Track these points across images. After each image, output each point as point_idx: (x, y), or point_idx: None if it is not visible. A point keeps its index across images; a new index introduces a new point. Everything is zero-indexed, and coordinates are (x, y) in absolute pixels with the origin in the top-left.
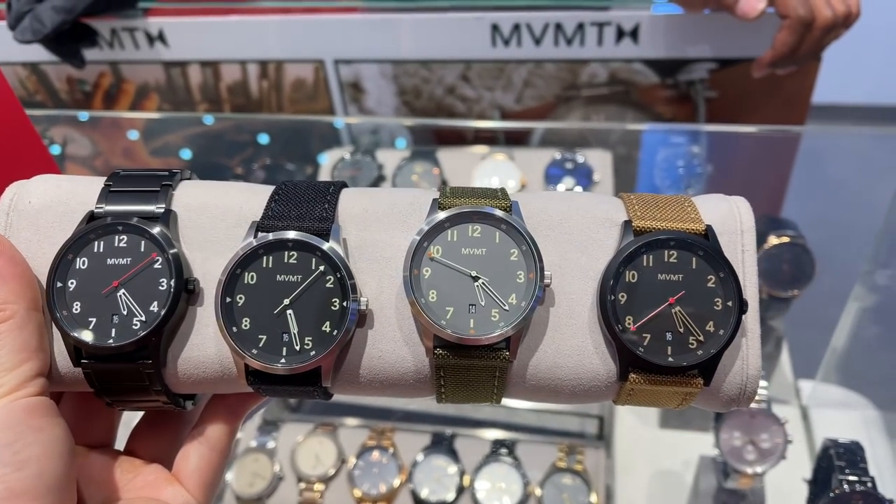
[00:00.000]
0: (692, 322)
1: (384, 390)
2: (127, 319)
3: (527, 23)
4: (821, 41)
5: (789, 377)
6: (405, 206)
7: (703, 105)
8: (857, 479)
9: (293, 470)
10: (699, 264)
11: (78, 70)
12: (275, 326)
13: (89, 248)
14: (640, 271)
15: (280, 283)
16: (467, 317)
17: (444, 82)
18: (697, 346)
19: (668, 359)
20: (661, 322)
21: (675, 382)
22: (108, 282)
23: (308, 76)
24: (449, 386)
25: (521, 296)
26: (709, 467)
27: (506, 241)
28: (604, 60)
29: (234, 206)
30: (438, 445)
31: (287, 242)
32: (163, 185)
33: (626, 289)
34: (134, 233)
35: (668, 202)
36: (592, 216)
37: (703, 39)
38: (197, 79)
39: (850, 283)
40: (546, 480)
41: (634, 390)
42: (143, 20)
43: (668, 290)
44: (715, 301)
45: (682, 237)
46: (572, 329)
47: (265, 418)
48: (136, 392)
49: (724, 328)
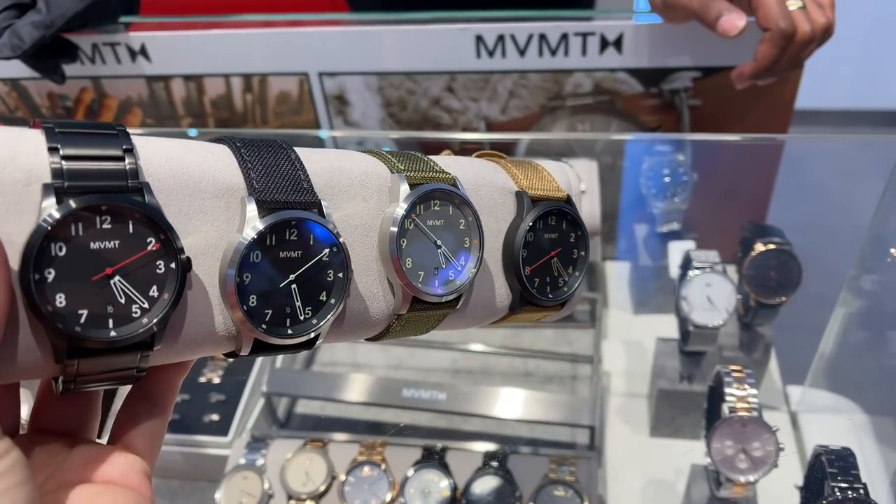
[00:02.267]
0: (564, 269)
1: (356, 330)
2: (125, 308)
3: (511, 34)
4: (800, 54)
5: (778, 383)
6: (359, 175)
7: (687, 113)
8: (849, 485)
9: (283, 487)
10: (566, 225)
11: (59, 85)
12: (280, 301)
13: (67, 232)
14: (535, 234)
15: (284, 259)
16: (433, 278)
17: (430, 94)
18: (563, 284)
19: (549, 296)
20: (545, 270)
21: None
22: (95, 269)
23: (292, 89)
24: (400, 329)
25: (469, 258)
26: (701, 476)
27: (456, 213)
28: (588, 70)
29: (206, 174)
30: (429, 459)
31: (291, 221)
32: (125, 150)
33: (526, 246)
34: (120, 212)
35: (532, 169)
36: (494, 186)
37: (687, 48)
38: (180, 93)
39: (837, 288)
40: (538, 492)
41: (520, 316)
42: (125, 35)
43: (551, 246)
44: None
45: (561, 207)
46: (489, 279)
47: (254, 435)
48: (112, 380)
49: (579, 271)
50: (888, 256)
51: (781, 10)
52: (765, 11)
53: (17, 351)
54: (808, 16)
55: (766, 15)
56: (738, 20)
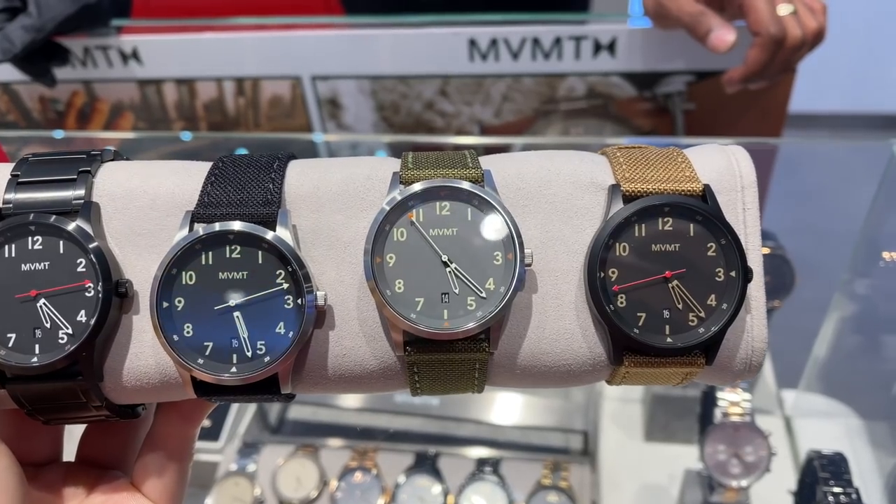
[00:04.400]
0: (691, 297)
1: (352, 388)
2: (51, 333)
3: (504, 38)
4: (790, 59)
5: (772, 387)
6: (362, 180)
7: (681, 117)
8: (842, 490)
9: (274, 493)
10: (697, 231)
11: (50, 89)
12: (221, 331)
13: (0, 253)
14: (631, 243)
15: (223, 281)
16: (440, 307)
17: (423, 98)
18: (698, 322)
19: (667, 339)
20: (656, 298)
21: (675, 363)
22: (23, 291)
23: (285, 93)
24: (424, 381)
25: (500, 280)
26: (694, 481)
27: (478, 219)
28: (581, 74)
29: (164, 191)
30: (422, 465)
31: (228, 235)
32: (80, 172)
33: (616, 264)
34: (50, 233)
35: (659, 157)
36: (575, 180)
37: (680, 52)
38: (172, 97)
39: (830, 292)
40: (531, 498)
41: (630, 373)
42: (117, 38)
43: (664, 263)
44: (716, 272)
45: (677, 201)
46: (558, 311)
47: (245, 441)
48: (73, 409)
49: (727, 301)
50: (881, 261)
51: (772, 15)
52: (755, 16)
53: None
54: (799, 21)
55: (757, 20)
56: (727, 35)
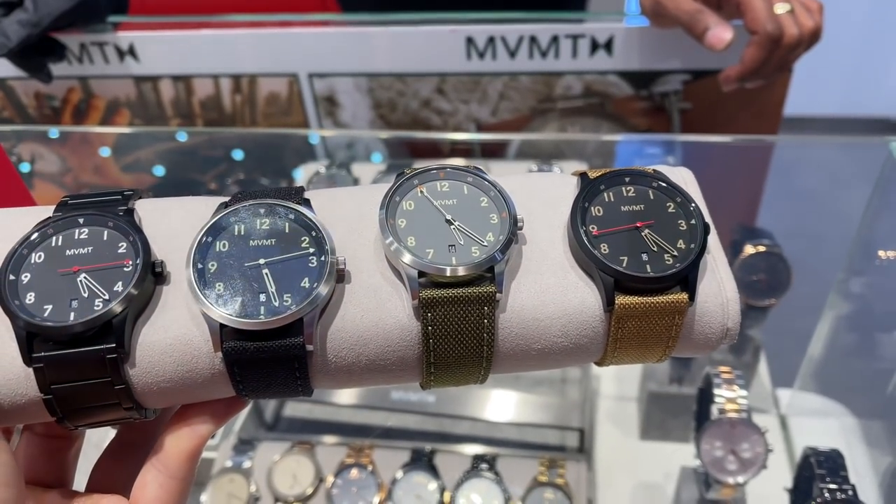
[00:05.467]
0: (664, 241)
1: (370, 348)
2: (88, 301)
3: (501, 36)
4: (787, 58)
5: (767, 386)
6: (369, 207)
7: (677, 116)
8: (838, 486)
9: (270, 490)
10: (656, 194)
11: (45, 85)
12: (251, 287)
13: (47, 243)
14: (603, 206)
15: (254, 247)
16: (448, 255)
17: (420, 95)
18: (673, 261)
19: (649, 271)
20: (634, 244)
21: (663, 303)
22: (66, 267)
23: (282, 90)
24: (438, 334)
25: (498, 232)
26: (690, 478)
27: (474, 192)
28: (578, 73)
29: (195, 209)
30: (418, 462)
31: (259, 208)
32: (118, 202)
33: (594, 221)
34: (95, 224)
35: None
36: (550, 181)
37: (677, 51)
38: (169, 93)
39: (826, 291)
40: (528, 495)
41: (623, 319)
42: (113, 34)
43: (634, 217)
44: (679, 223)
45: (635, 171)
46: (550, 269)
47: (241, 437)
48: (94, 396)
49: (693, 243)
50: (876, 259)
51: (769, 13)
52: (752, 15)
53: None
54: (795, 20)
55: (754, 18)
56: (724, 33)
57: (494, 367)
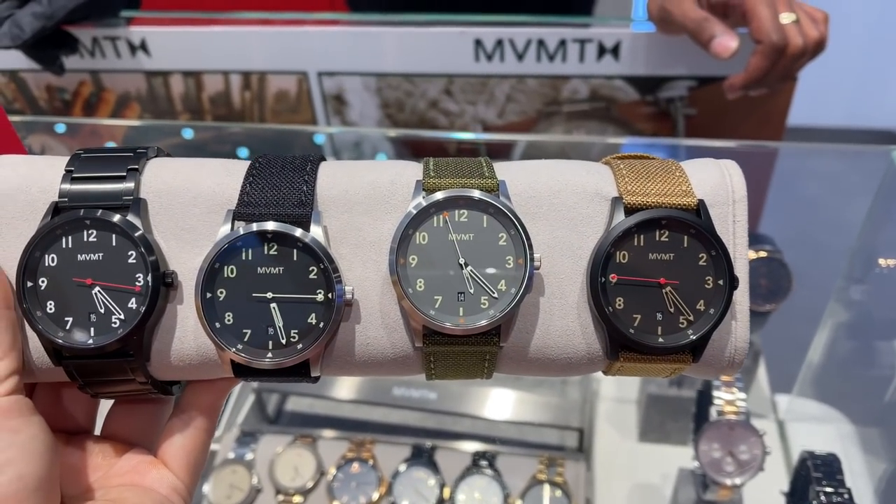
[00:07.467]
0: (683, 302)
1: (372, 372)
2: (105, 318)
3: (510, 38)
4: (791, 67)
5: (766, 391)
6: (387, 185)
7: (682, 122)
8: (834, 490)
9: (271, 482)
10: (691, 243)
11: (57, 77)
12: (259, 320)
13: (57, 245)
14: (630, 251)
15: (262, 275)
16: (456, 305)
17: (427, 96)
18: (687, 325)
19: (659, 340)
20: (651, 302)
21: (665, 360)
22: (81, 277)
23: (291, 88)
24: (439, 367)
25: (511, 282)
26: (688, 480)
27: (494, 226)
28: (585, 77)
29: (206, 189)
30: (418, 458)
31: (266, 234)
32: (129, 170)
33: (616, 270)
34: (103, 228)
35: (658, 171)
36: (581, 191)
37: (683, 57)
38: (179, 89)
39: (825, 298)
40: (527, 492)
41: (624, 367)
42: (126, 29)
43: (660, 270)
44: (706, 280)
45: (674, 216)
46: (562, 310)
47: (243, 430)
48: (121, 384)
49: (714, 307)
50: (876, 267)
51: (774, 23)
52: (758, 24)
53: (31, 356)
54: (801, 30)
55: (759, 28)
56: (730, 42)
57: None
